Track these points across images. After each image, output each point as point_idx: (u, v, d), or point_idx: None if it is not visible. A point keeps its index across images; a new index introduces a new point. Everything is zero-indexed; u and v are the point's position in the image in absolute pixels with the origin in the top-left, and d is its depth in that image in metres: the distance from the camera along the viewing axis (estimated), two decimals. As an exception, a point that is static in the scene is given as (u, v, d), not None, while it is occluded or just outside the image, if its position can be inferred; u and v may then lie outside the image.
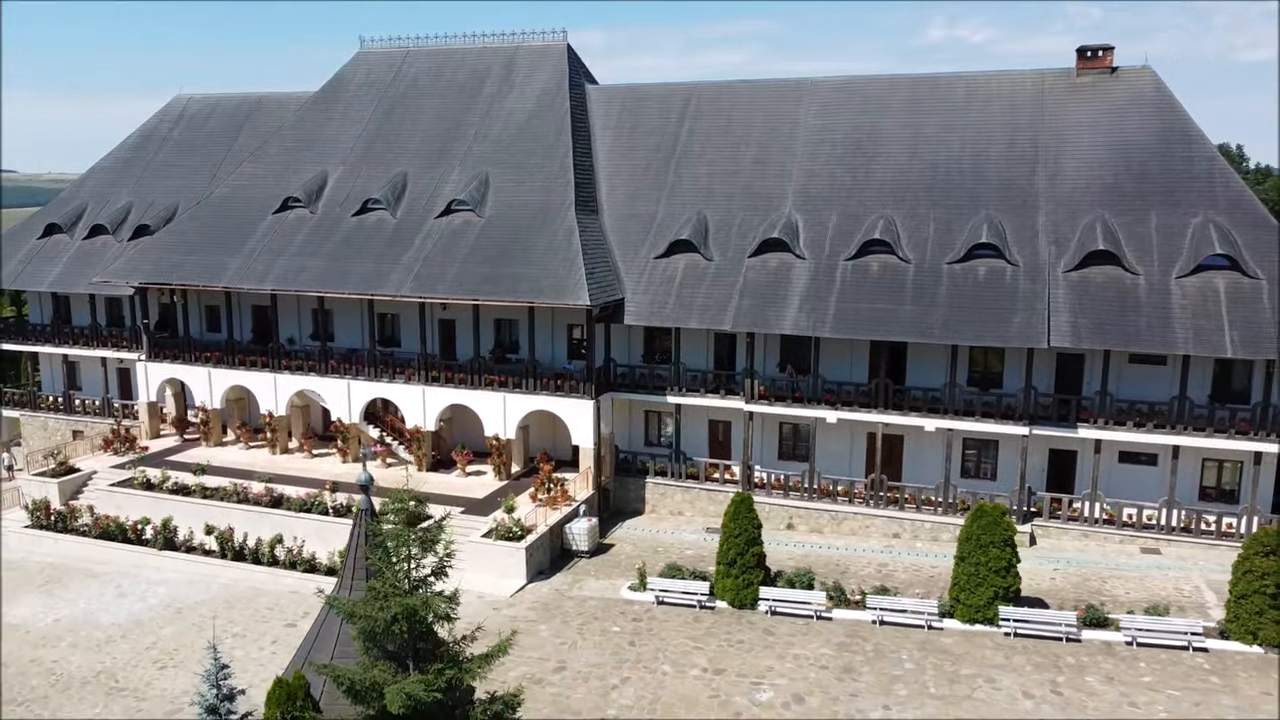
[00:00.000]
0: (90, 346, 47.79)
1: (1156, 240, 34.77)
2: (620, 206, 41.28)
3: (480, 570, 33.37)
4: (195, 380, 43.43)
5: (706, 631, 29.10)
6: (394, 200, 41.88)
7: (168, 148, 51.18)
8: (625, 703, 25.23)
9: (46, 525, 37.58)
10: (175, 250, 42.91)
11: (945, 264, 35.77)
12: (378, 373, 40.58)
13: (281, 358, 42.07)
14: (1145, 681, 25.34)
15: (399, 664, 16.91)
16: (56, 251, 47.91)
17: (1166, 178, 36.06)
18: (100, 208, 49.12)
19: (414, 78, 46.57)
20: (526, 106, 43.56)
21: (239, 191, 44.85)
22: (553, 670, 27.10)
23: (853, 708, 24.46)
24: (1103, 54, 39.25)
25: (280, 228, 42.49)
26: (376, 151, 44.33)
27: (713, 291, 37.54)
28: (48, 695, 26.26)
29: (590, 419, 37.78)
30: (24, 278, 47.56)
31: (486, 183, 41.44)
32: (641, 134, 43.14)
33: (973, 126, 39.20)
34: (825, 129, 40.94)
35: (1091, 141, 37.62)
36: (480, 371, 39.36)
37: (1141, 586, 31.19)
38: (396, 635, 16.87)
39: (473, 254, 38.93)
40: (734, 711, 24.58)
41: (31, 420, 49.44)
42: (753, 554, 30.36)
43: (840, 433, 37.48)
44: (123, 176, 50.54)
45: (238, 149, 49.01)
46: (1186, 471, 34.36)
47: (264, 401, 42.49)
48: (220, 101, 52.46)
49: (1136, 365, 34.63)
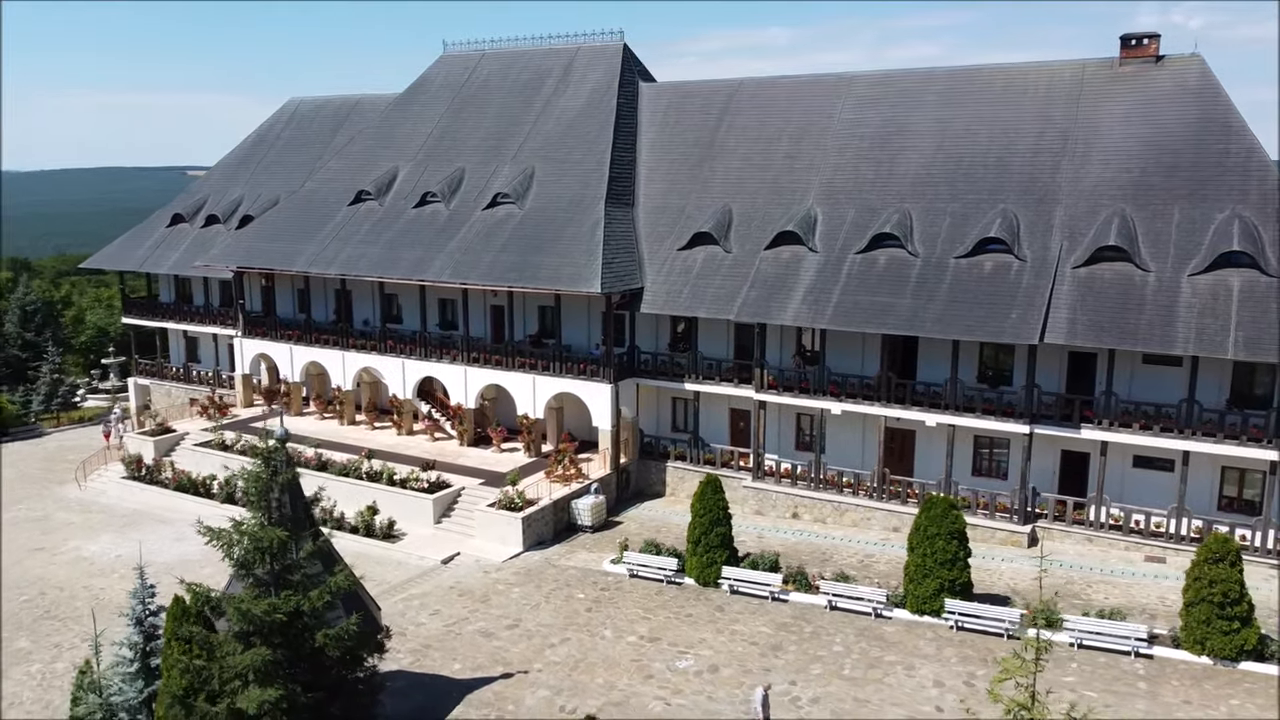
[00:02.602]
0: (204, 324, 53.67)
1: (1175, 235, 33.26)
2: (654, 199, 42.86)
3: (485, 537, 36.10)
4: (279, 355, 48.20)
5: (662, 604, 30.49)
6: (449, 193, 45.08)
7: (279, 146, 56.59)
8: (555, 659, 27.06)
9: (138, 477, 43.06)
10: (263, 238, 47.79)
11: (952, 258, 35.47)
12: (427, 353, 43.90)
13: (349, 337, 46.12)
14: (1066, 681, 24.90)
15: (264, 588, 19.37)
16: (179, 239, 54.02)
17: (1197, 170, 34.34)
18: (218, 200, 54.96)
19: (485, 79, 49.70)
20: (577, 105, 45.81)
21: (322, 185, 49.35)
22: (506, 627, 29.23)
23: (758, 679, 25.30)
24: (1148, 42, 37.62)
25: (352, 218, 46.54)
26: (443, 148, 47.70)
27: (726, 282, 38.59)
28: (82, 615, 30.60)
29: (608, 402, 39.63)
30: (151, 261, 53.93)
31: (531, 177, 43.98)
32: (683, 129, 44.52)
33: (1003, 119, 38.44)
34: (857, 123, 41.09)
35: (1123, 133, 36.22)
36: (514, 354, 41.96)
37: (1125, 594, 30.22)
38: (265, 564, 19.27)
39: (508, 244, 41.54)
40: (646, 675, 25.98)
41: (158, 388, 55.97)
42: (717, 534, 31.45)
43: (853, 425, 37.74)
44: (239, 172, 56.32)
45: (333, 147, 53.64)
46: (1202, 479, 32.78)
47: (334, 377, 46.70)
48: (326, 103, 57.46)
49: (1150, 366, 33.27)
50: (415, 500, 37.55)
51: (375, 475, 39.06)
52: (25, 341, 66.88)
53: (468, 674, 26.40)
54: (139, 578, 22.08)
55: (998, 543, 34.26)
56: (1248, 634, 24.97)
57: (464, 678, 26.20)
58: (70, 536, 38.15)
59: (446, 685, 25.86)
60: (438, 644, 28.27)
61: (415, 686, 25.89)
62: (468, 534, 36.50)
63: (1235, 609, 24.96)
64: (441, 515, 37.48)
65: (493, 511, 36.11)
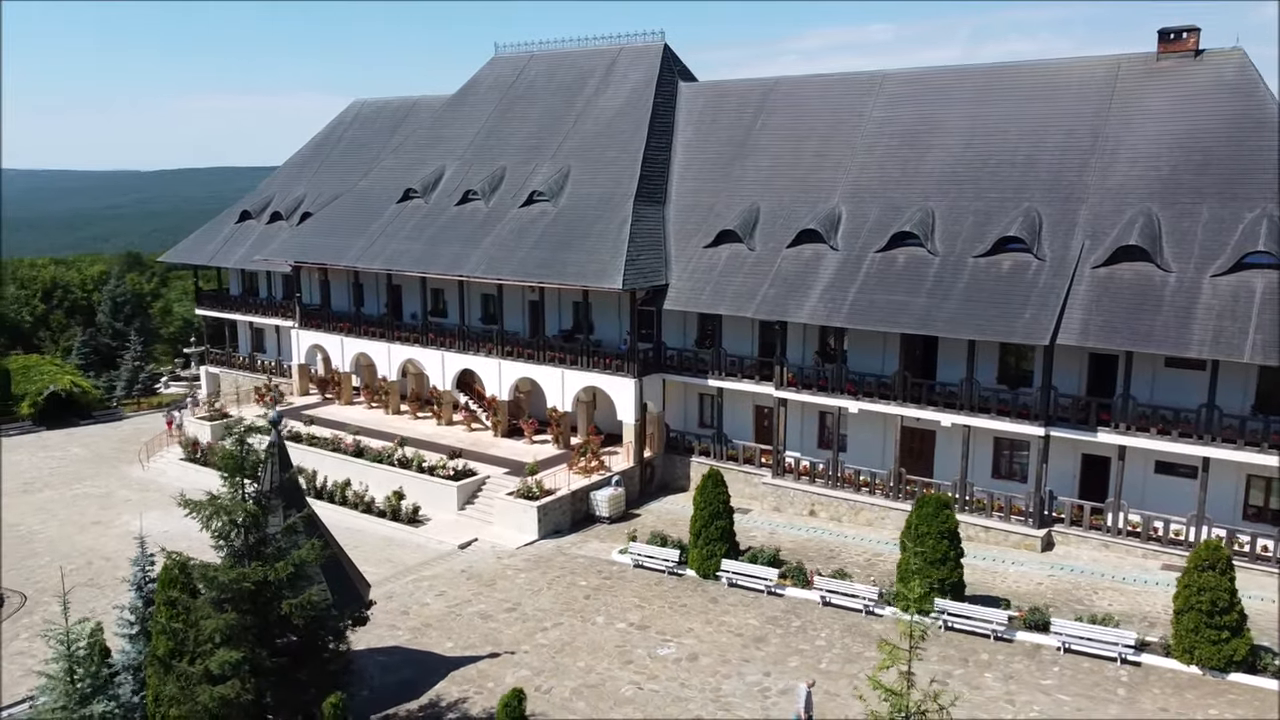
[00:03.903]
0: (267, 315, 56.32)
1: (1202, 235, 32.27)
2: (686, 198, 43.39)
3: (503, 524, 37.25)
4: (331, 346, 50.33)
5: (660, 594, 31.07)
6: (489, 191, 46.42)
7: (341, 146, 58.94)
8: (544, 642, 27.92)
9: (194, 459, 45.61)
10: (317, 234, 49.97)
11: (971, 257, 35.09)
12: (466, 346, 45.31)
13: (395, 330, 47.91)
14: (1043, 685, 24.63)
15: (240, 559, 20.70)
16: (246, 235, 56.77)
17: (1229, 168, 33.22)
18: (283, 198, 57.56)
19: (531, 80, 50.93)
20: (616, 104, 46.62)
21: (375, 184, 51.31)
22: (505, 610, 30.24)
23: (734, 670, 25.72)
24: (1186, 36, 36.48)
25: (399, 216, 48.31)
26: (488, 148, 49.09)
27: (747, 280, 38.88)
28: (119, 585, 32.69)
29: (632, 397, 40.34)
30: (220, 256, 56.84)
31: (567, 175, 44.98)
32: (718, 128, 44.90)
33: (1034, 116, 37.76)
34: (888, 121, 40.87)
35: (1156, 129, 35.26)
36: (545, 349, 43.02)
37: (1131, 601, 29.53)
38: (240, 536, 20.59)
39: (540, 240, 42.62)
40: (626, 660, 26.62)
41: (227, 376, 58.89)
42: (716, 527, 31.85)
43: (873, 424, 37.63)
44: (304, 171, 58.88)
45: (389, 146, 55.61)
46: (1226, 487, 31.77)
47: (381, 368, 48.55)
48: (386, 105, 59.60)
49: (1173, 370, 32.37)
50: (440, 487, 38.93)
51: (406, 462, 40.59)
52: (115, 331, 71.21)
53: (458, 652, 27.47)
54: (139, 547, 23.76)
55: (1010, 546, 33.80)
56: (1238, 644, 24.25)
57: (454, 655, 27.28)
58: (125, 512, 40.74)
59: (436, 662, 26.97)
60: (437, 623, 29.43)
61: (407, 661, 27.08)
62: (487, 521, 37.69)
63: (1225, 618, 24.26)
64: (465, 502, 38.75)
65: (511, 500, 37.21)
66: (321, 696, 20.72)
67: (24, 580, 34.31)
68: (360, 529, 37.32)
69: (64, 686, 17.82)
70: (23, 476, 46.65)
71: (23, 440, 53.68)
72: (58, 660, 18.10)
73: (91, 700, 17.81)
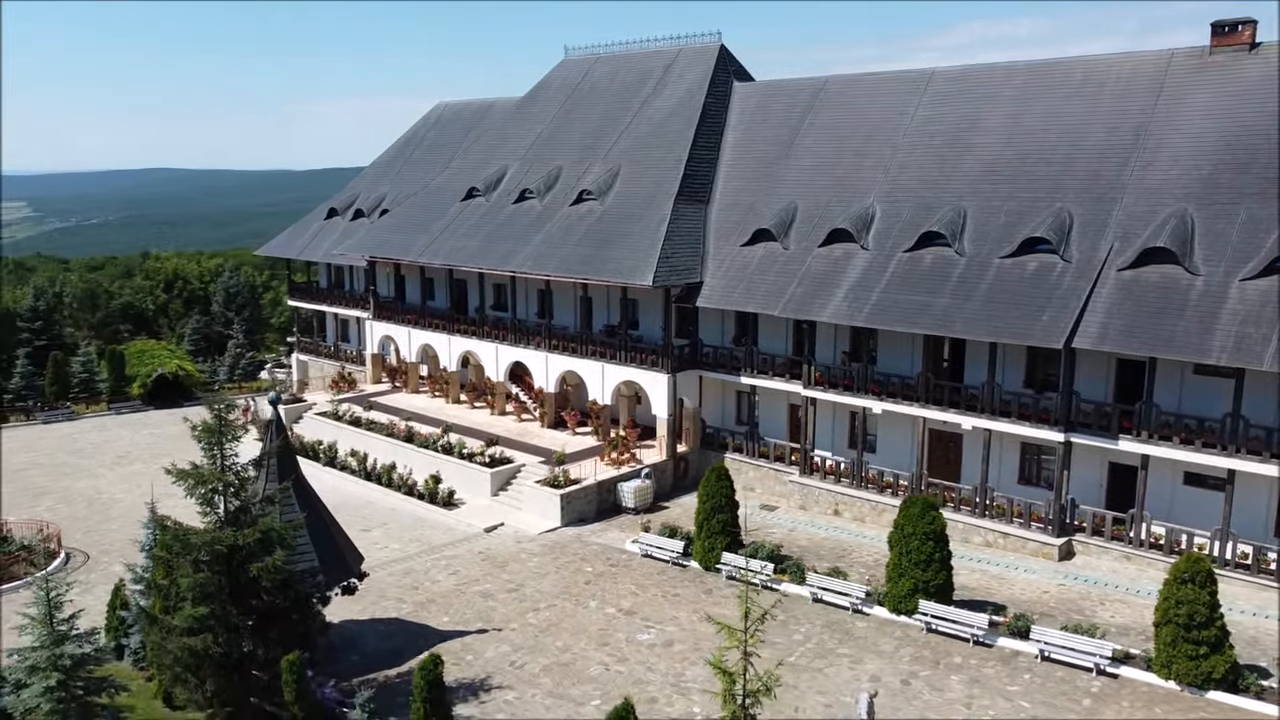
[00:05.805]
0: (349, 307, 59.47)
1: (1236, 237, 30.82)
2: (729, 197, 43.82)
3: (529, 510, 38.67)
4: (400, 337, 52.90)
5: (657, 583, 31.80)
6: (544, 190, 47.93)
7: (423, 147, 61.64)
8: (533, 622, 29.08)
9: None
10: (389, 231, 52.59)
11: (996, 258, 34.42)
12: (518, 339, 46.97)
13: (455, 322, 50.02)
14: (1008, 690, 24.24)
15: (221, 525, 22.63)
16: (331, 230, 60.10)
17: (1272, 167, 31.56)
18: (367, 196, 60.64)
19: (595, 81, 52.24)
20: (669, 105, 47.40)
21: (445, 183, 53.60)
22: (507, 590, 31.55)
23: (702, 657, 26.23)
24: (1241, 29, 34.76)
25: (462, 213, 50.39)
26: (549, 148, 50.63)
27: (778, 279, 39.09)
28: (170, 548, 35.59)
29: (665, 392, 41.11)
30: (308, 250, 60.34)
31: (616, 175, 46.04)
32: (767, 128, 45.11)
33: (1076, 114, 36.64)
34: (931, 120, 40.31)
35: (1201, 126, 33.76)
36: (588, 343, 44.23)
37: (1137, 613, 28.56)
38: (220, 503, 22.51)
39: (584, 238, 43.84)
40: (602, 643, 27.49)
41: (314, 364, 62.49)
42: (718, 521, 32.34)
43: (902, 426, 37.32)
44: (387, 171, 61.86)
45: (463, 146, 57.88)
46: (1257, 499, 30.30)
47: (442, 358, 50.77)
48: (466, 106, 61.97)
49: (1201, 376, 31.07)
50: (477, 473, 40.62)
51: (449, 448, 42.48)
52: (226, 319, 76.35)
53: (451, 626, 28.90)
54: (150, 511, 26.10)
55: (1028, 553, 33.06)
56: (1216, 661, 23.30)
57: (447, 629, 28.72)
58: (196, 485, 43.93)
59: (428, 634, 28.46)
60: (441, 599, 30.97)
61: (402, 632, 28.68)
62: (517, 507, 39.14)
63: (1203, 633, 23.36)
64: (499, 488, 40.32)
65: (538, 488, 38.54)
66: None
67: (94, 542, 37.63)
68: (396, 508, 39.40)
69: (41, 629, 19.96)
70: (120, 450, 50.82)
71: (131, 418, 58.27)
72: (38, 604, 20.27)
73: (64, 642, 19.90)
